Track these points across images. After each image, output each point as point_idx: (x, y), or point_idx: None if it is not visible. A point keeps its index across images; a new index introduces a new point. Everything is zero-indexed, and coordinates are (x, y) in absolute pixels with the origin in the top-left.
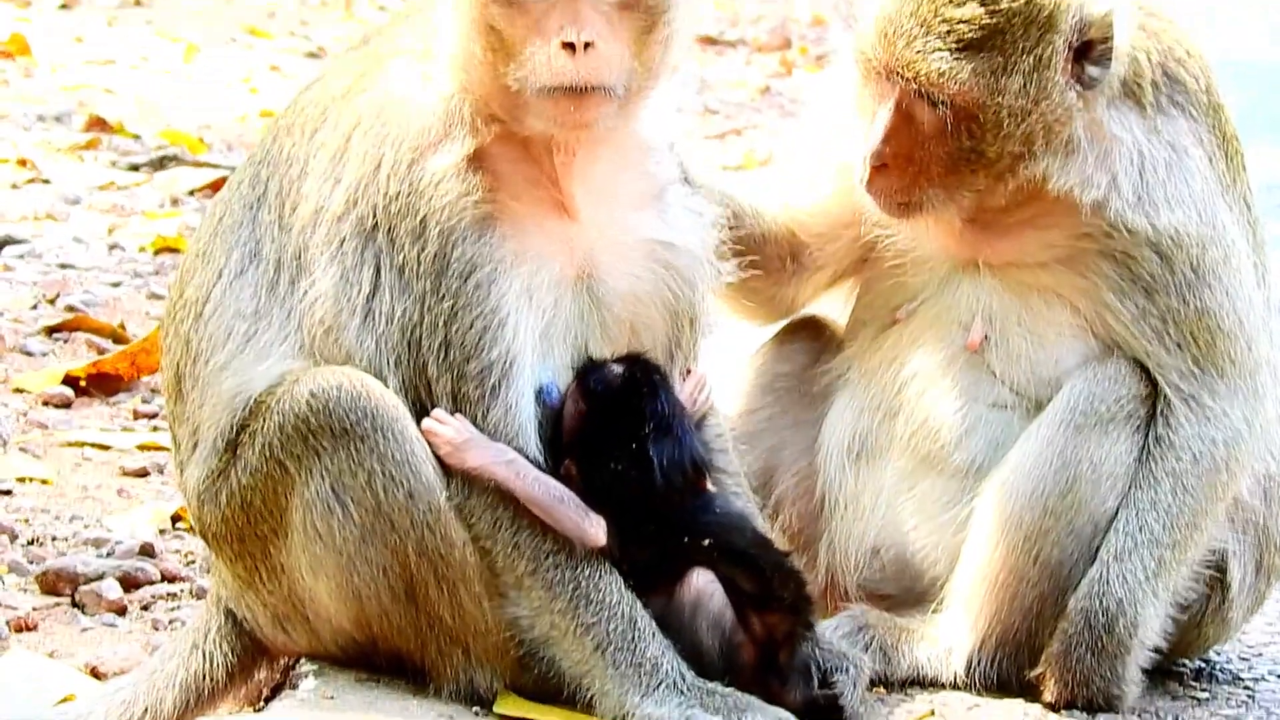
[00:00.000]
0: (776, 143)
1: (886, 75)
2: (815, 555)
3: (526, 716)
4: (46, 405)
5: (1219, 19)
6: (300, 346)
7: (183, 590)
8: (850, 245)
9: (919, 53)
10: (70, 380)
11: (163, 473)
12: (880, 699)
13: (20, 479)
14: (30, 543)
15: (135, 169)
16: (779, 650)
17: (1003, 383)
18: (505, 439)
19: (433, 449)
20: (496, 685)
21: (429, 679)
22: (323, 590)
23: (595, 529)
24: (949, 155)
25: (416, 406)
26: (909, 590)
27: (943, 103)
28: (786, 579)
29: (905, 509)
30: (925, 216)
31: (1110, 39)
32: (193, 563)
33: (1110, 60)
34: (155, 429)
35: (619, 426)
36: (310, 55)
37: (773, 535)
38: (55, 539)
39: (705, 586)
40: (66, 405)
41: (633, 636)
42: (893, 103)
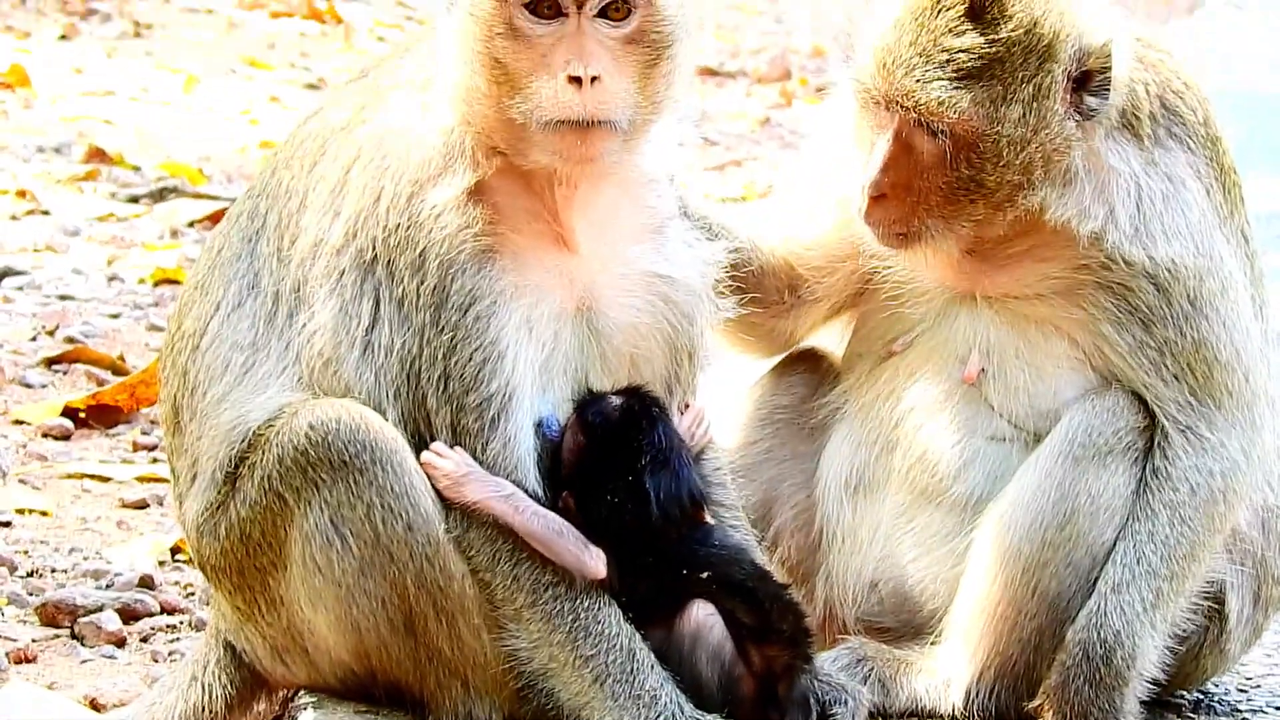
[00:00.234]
0: (776, 174)
1: (885, 105)
2: (813, 588)
3: None
4: (46, 437)
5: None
6: (298, 379)
7: (182, 622)
8: (848, 278)
9: (918, 82)
10: (70, 412)
11: (162, 505)
12: None
13: (20, 511)
14: (30, 574)
15: (135, 200)
16: (778, 682)
17: (1001, 415)
18: (504, 471)
19: (431, 482)
20: (495, 717)
21: (428, 711)
22: (322, 622)
23: (595, 561)
24: (948, 185)
25: (416, 439)
26: (907, 623)
27: (942, 132)
28: (785, 611)
29: (903, 542)
30: (923, 247)
31: (1109, 69)
32: (192, 595)
33: (1109, 91)
34: (155, 461)
35: (617, 459)
36: (310, 86)
37: (771, 568)
38: (55, 571)
39: (705, 619)
40: (66, 437)
41: (632, 668)
42: (891, 133)
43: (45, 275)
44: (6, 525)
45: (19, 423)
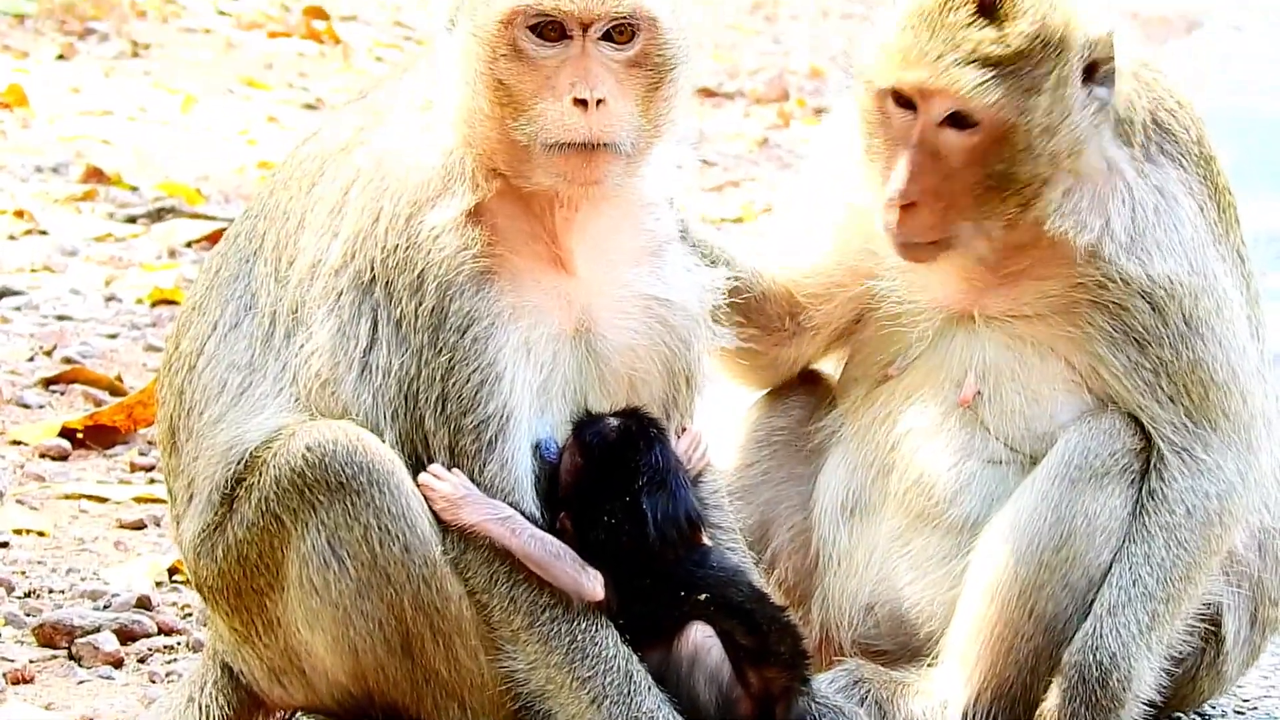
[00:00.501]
0: (774, 196)
1: (913, 101)
2: (810, 610)
3: None
4: (43, 457)
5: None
6: (295, 399)
7: (179, 643)
8: (846, 304)
9: (947, 73)
10: (67, 432)
11: (159, 525)
12: None
13: (17, 531)
14: (27, 595)
15: (133, 220)
16: (775, 704)
17: (997, 438)
18: (502, 493)
19: (429, 504)
20: None
21: None
22: (319, 644)
23: (593, 583)
24: (979, 183)
25: (413, 460)
26: (904, 645)
27: (973, 126)
28: (783, 634)
29: (900, 565)
30: (950, 256)
31: (1112, 59)
32: (189, 616)
33: (1113, 81)
34: (152, 481)
35: (614, 480)
36: (308, 107)
37: (769, 590)
38: (52, 591)
39: (703, 641)
40: (63, 457)
41: (629, 690)
42: (916, 135)
43: (43, 295)
44: (4, 546)
45: (16, 443)
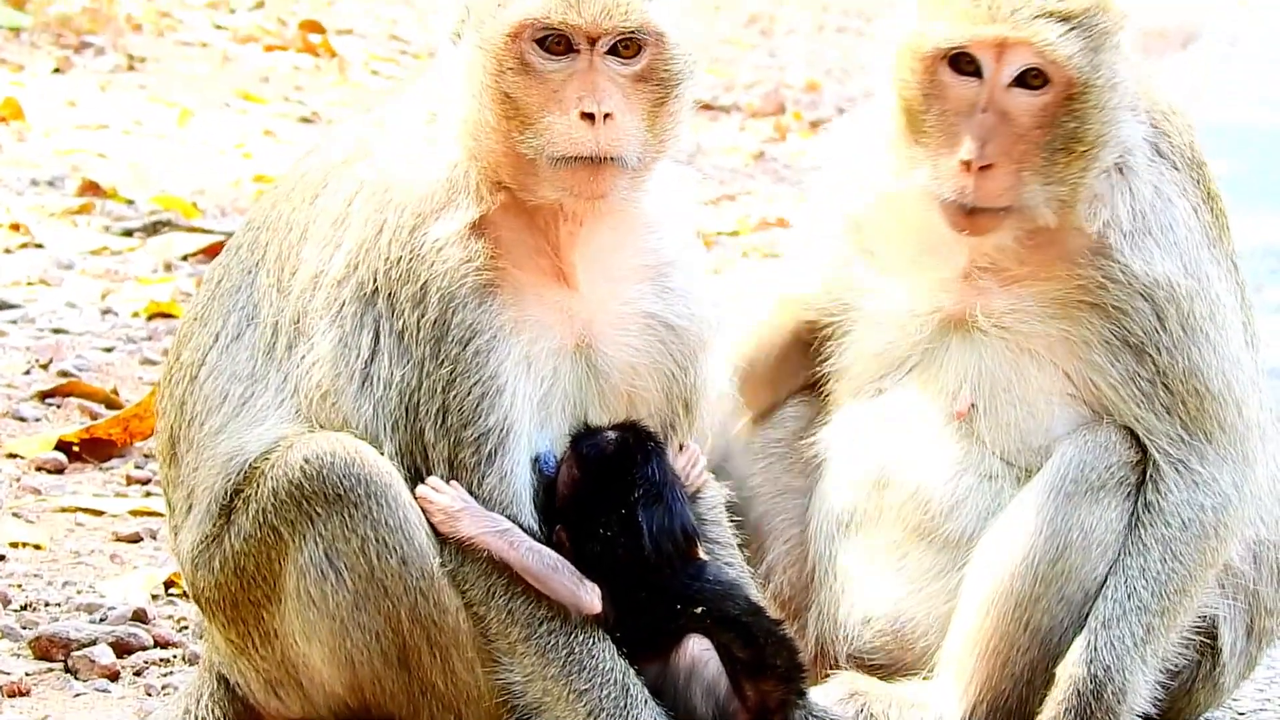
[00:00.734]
0: (770, 209)
1: (976, 64)
2: (805, 624)
3: None
4: (39, 471)
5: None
6: (296, 411)
7: (176, 656)
8: (842, 323)
9: (1029, 26)
10: (63, 446)
11: (155, 538)
12: None
13: (13, 544)
14: (23, 608)
15: (129, 234)
16: (772, 717)
17: (992, 451)
18: (500, 506)
19: (427, 517)
20: None
21: None
22: (316, 656)
23: (590, 596)
24: (1048, 144)
25: (412, 472)
26: (899, 659)
27: (1041, 86)
28: (780, 646)
29: (896, 579)
30: (1012, 225)
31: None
32: (186, 628)
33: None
34: (148, 495)
35: (610, 492)
36: (304, 120)
37: (765, 604)
38: (48, 604)
39: (700, 654)
40: (59, 471)
41: (626, 703)
42: (986, 96)
43: (39, 309)
44: (0, 559)
45: (12, 456)
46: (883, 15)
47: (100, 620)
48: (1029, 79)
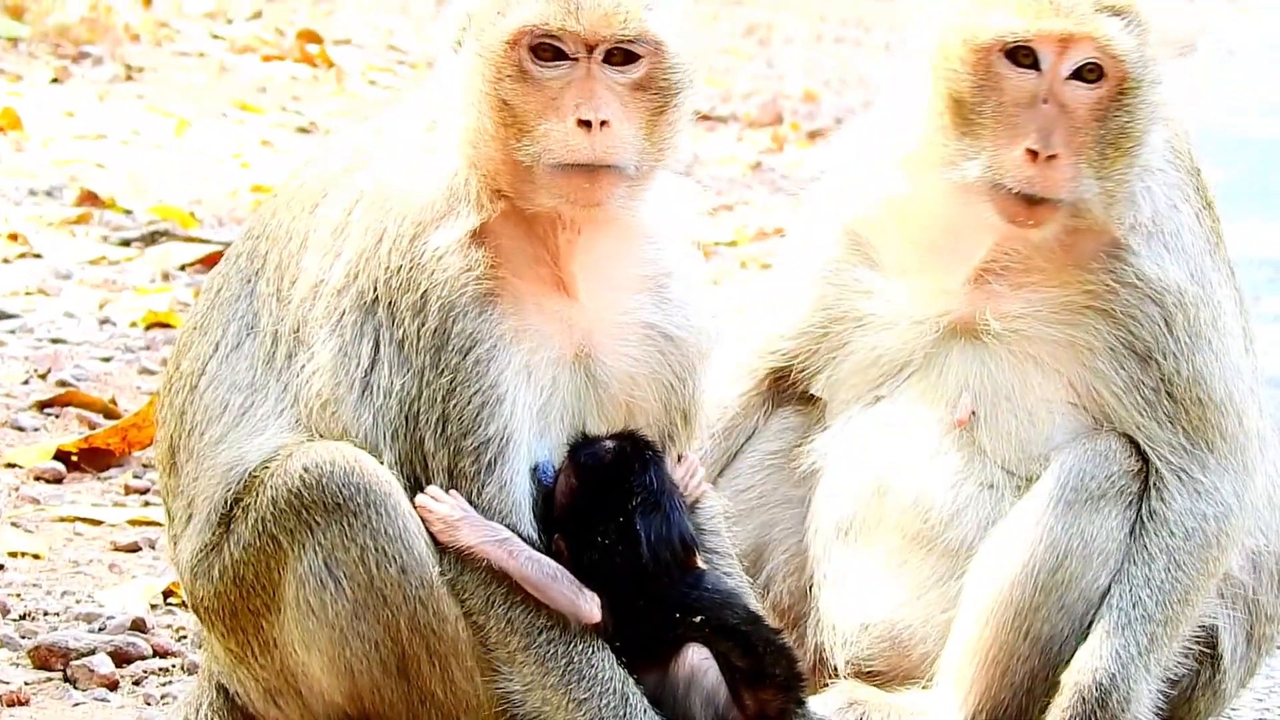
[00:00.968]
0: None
1: (1034, 55)
2: (804, 632)
3: None
4: (38, 480)
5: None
6: (296, 420)
7: (175, 665)
8: (840, 336)
9: (1092, 20)
10: (62, 455)
11: (154, 548)
12: None
13: (12, 554)
14: (22, 617)
15: (126, 244)
16: None
17: (993, 460)
18: (500, 515)
19: (426, 526)
20: None
21: None
22: (315, 665)
23: (589, 605)
24: (1102, 137)
25: (412, 481)
26: (898, 668)
27: (1097, 79)
28: (779, 655)
29: (895, 587)
30: (1065, 217)
31: None
32: (184, 638)
33: None
34: (147, 504)
35: (608, 501)
36: (302, 130)
37: (764, 613)
38: (47, 614)
39: (699, 663)
40: (58, 480)
41: (625, 712)
42: (1046, 88)
43: (37, 319)
44: None
45: (11, 466)
46: (913, 12)
47: (99, 629)
48: (1084, 72)
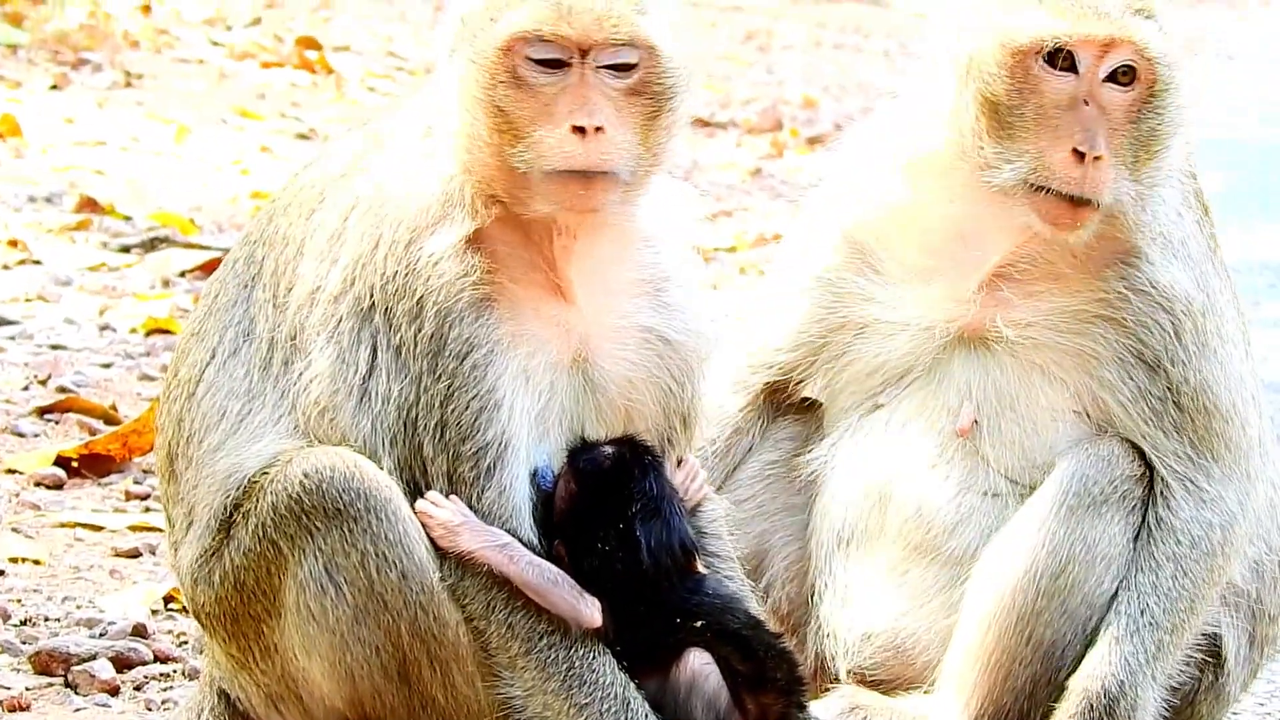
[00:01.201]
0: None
1: (1072, 58)
2: (805, 639)
3: None
4: (38, 486)
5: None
6: (294, 426)
7: (175, 671)
8: (839, 345)
9: (1130, 25)
10: (62, 461)
11: (155, 554)
12: None
13: (13, 559)
14: (23, 623)
15: (126, 250)
16: None
17: (995, 469)
18: (499, 520)
19: (426, 532)
20: None
21: None
22: (316, 670)
23: (591, 610)
24: (1136, 138)
25: (411, 486)
26: (900, 675)
27: (1130, 82)
28: (780, 660)
29: (896, 596)
30: (1100, 218)
31: None
32: (185, 643)
33: None
34: (147, 510)
35: (608, 506)
36: (301, 137)
37: (765, 617)
38: (48, 619)
39: (700, 667)
40: (58, 486)
41: (626, 718)
42: (1086, 90)
43: (37, 325)
44: (0, 574)
45: (11, 472)
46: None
47: (100, 635)
48: (1118, 75)
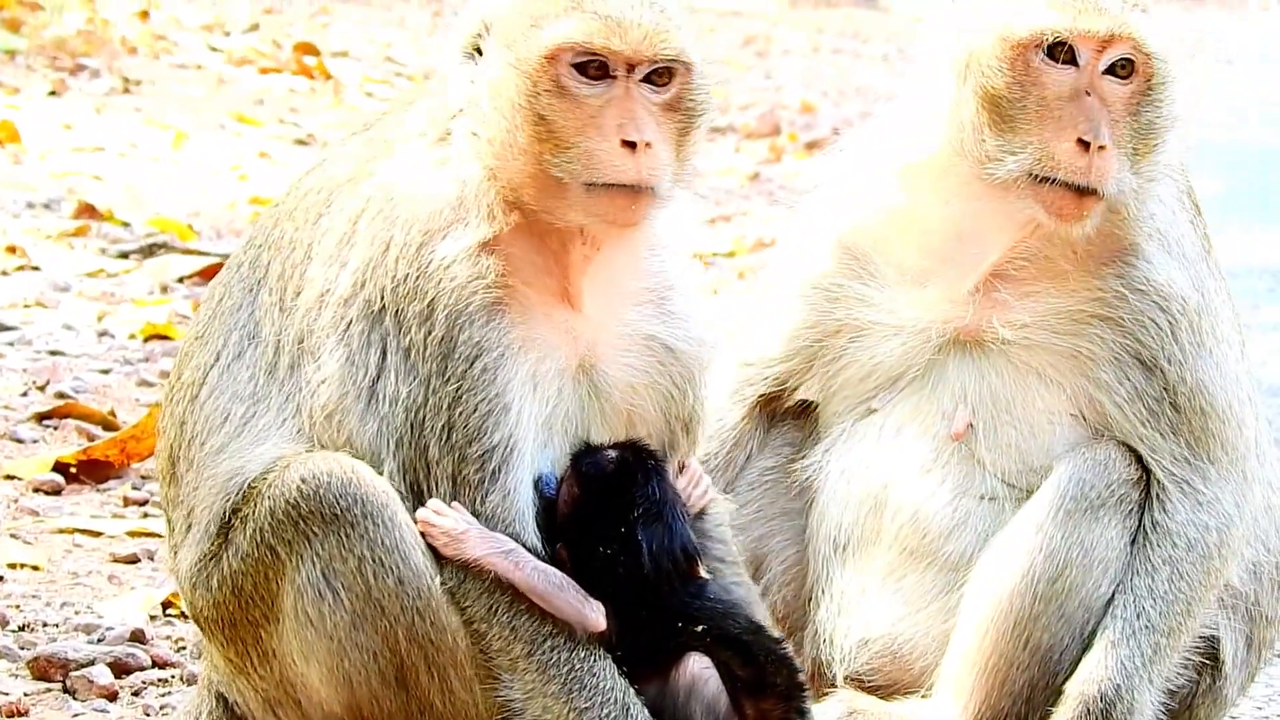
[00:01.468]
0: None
1: (1073, 51)
2: (802, 644)
3: None
4: (37, 492)
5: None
6: (299, 430)
7: (174, 676)
8: (835, 350)
9: (1129, 19)
10: (61, 467)
11: (153, 559)
12: None
13: (11, 565)
14: (21, 629)
15: (125, 256)
16: None
17: (992, 473)
18: (503, 524)
19: (429, 541)
20: None
21: None
22: (314, 675)
23: (595, 614)
24: (1135, 131)
25: (414, 489)
26: (897, 681)
27: (1128, 75)
28: (780, 665)
29: (893, 601)
30: (1102, 212)
31: None
32: (183, 649)
33: None
34: (146, 515)
35: (610, 511)
36: (299, 142)
37: (768, 622)
38: (46, 625)
39: (700, 672)
40: (57, 492)
41: None
42: (1087, 82)
43: (35, 331)
44: None
45: (10, 478)
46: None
47: (98, 641)
48: (1117, 68)
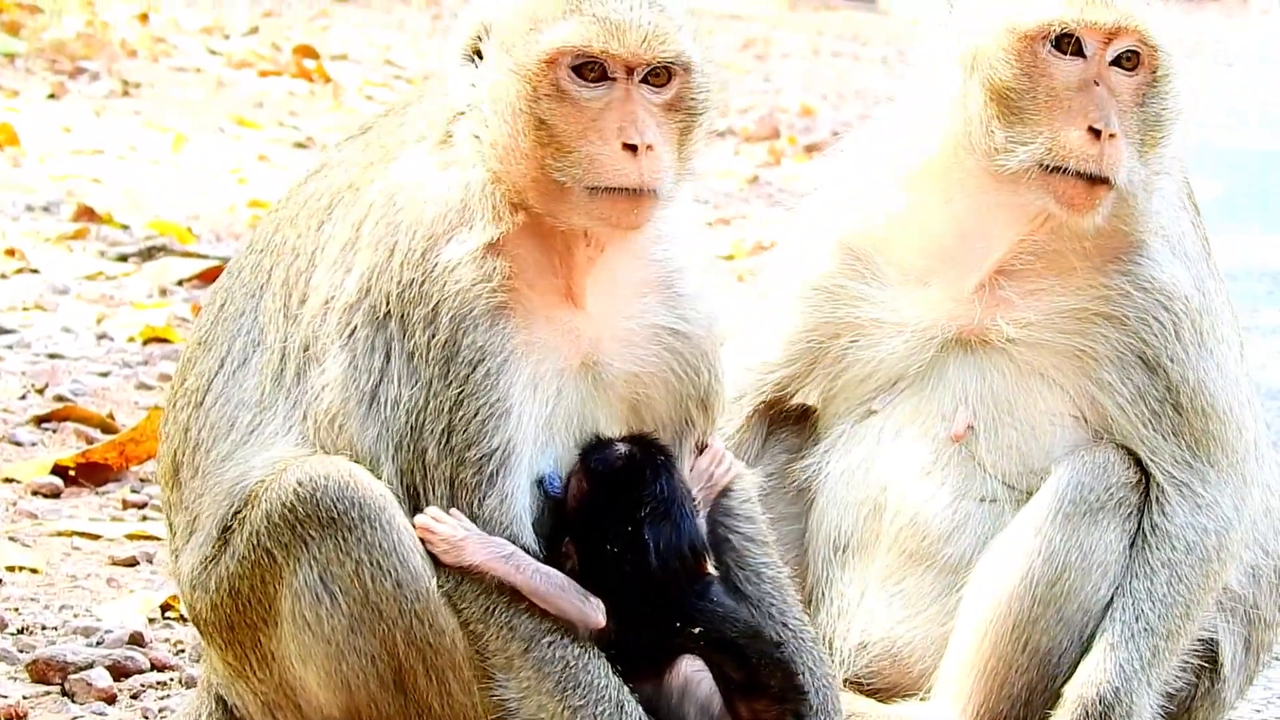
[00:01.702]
0: (765, 233)
1: (1080, 43)
2: None
3: None
4: (36, 495)
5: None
6: (303, 437)
7: (172, 679)
8: (835, 352)
9: (1136, 11)
10: (59, 470)
11: (152, 562)
12: None
13: (10, 568)
14: (20, 631)
15: (124, 259)
16: None
17: (992, 475)
18: (500, 527)
19: (428, 548)
20: None
21: None
22: (312, 679)
23: (595, 612)
24: (1142, 122)
25: (411, 492)
26: (896, 684)
27: (1134, 66)
28: (774, 668)
29: (893, 604)
30: (1110, 206)
31: None
32: (182, 651)
33: None
34: (144, 519)
35: (617, 508)
36: (299, 145)
37: (801, 619)
38: (45, 628)
39: (693, 673)
40: (56, 495)
41: None
42: (1095, 73)
43: (34, 334)
44: None
45: (9, 480)
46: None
47: (97, 643)
48: (1123, 60)
